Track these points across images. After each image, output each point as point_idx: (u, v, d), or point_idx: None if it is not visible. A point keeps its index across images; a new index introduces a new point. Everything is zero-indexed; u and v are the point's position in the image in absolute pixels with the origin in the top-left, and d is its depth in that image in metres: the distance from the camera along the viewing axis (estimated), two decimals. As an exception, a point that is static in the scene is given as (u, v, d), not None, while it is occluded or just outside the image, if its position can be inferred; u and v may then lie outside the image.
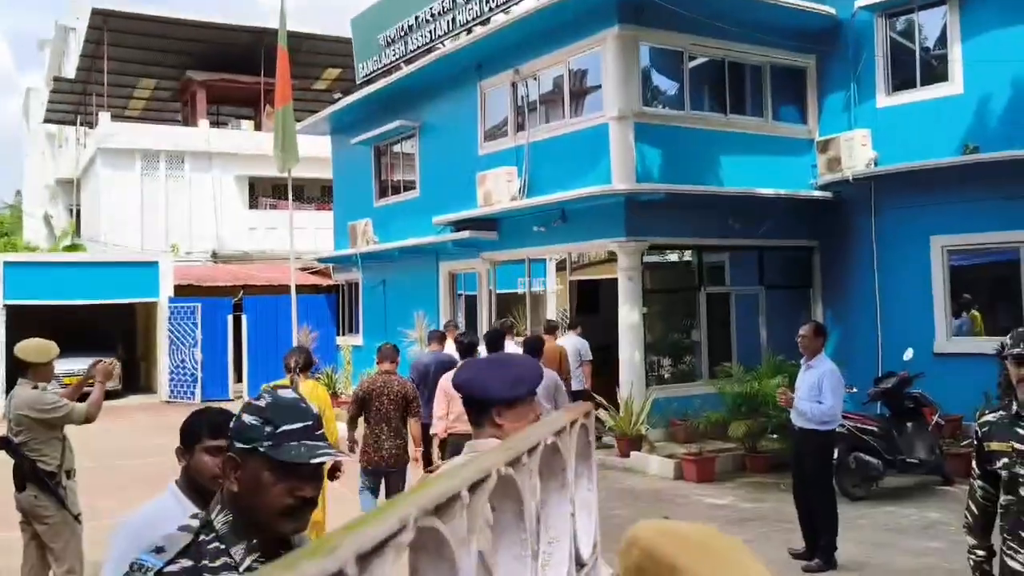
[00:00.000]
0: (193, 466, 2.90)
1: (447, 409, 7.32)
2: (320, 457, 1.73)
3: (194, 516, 1.84)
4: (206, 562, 1.72)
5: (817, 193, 13.35)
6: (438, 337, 10.19)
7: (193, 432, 2.98)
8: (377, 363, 7.63)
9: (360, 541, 0.53)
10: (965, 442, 9.90)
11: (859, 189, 12.91)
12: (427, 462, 7.66)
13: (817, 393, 7.18)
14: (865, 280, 13.05)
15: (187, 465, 2.91)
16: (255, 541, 1.76)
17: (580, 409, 1.24)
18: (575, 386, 10.88)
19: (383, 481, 7.34)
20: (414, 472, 7.43)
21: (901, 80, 12.91)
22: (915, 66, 12.79)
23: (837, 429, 7.57)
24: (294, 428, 1.74)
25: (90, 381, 6.12)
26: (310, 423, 1.77)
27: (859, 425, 9.56)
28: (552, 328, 11.59)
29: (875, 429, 9.56)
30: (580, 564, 1.20)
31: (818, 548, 7.27)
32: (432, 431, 7.57)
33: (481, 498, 0.81)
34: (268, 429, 1.74)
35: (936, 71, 12.67)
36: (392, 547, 0.59)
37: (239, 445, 1.77)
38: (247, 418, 1.77)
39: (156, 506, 2.77)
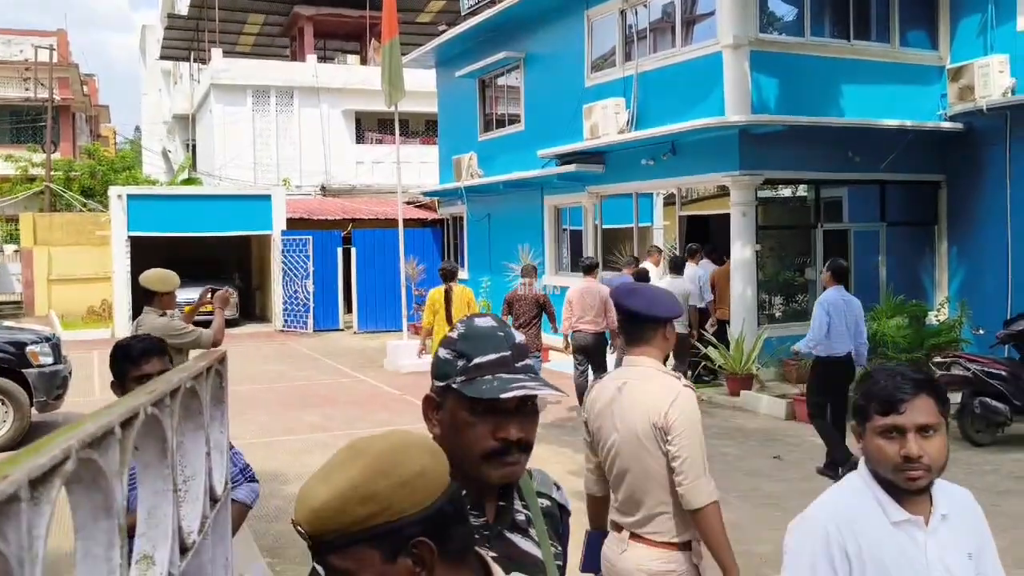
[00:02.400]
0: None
1: (570, 313, 10.08)
2: (512, 392, 1.51)
3: None
4: None
5: (946, 124, 12.59)
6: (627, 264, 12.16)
7: (119, 366, 3.11)
8: (521, 277, 10.87)
9: (30, 469, 0.59)
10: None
11: (993, 120, 12.11)
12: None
13: None
14: (996, 217, 12.31)
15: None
16: (464, 492, 1.51)
17: (214, 356, 1.22)
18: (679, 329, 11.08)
19: None
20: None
21: (1045, 0, 11.94)
22: (1062, -16, 11.80)
23: (843, 356, 7.92)
24: (488, 360, 1.55)
25: (203, 308, 6.37)
26: (507, 353, 1.57)
27: (985, 368, 9.13)
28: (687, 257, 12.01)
29: (1003, 373, 9.10)
30: (214, 499, 1.21)
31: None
32: (562, 330, 10.38)
33: (132, 434, 0.87)
34: (461, 363, 1.57)
35: (1086, -11, 11.67)
36: (59, 475, 0.65)
37: (437, 383, 1.62)
38: (442, 352, 1.62)
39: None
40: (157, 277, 5.91)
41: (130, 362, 3.14)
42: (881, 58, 12.66)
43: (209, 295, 6.40)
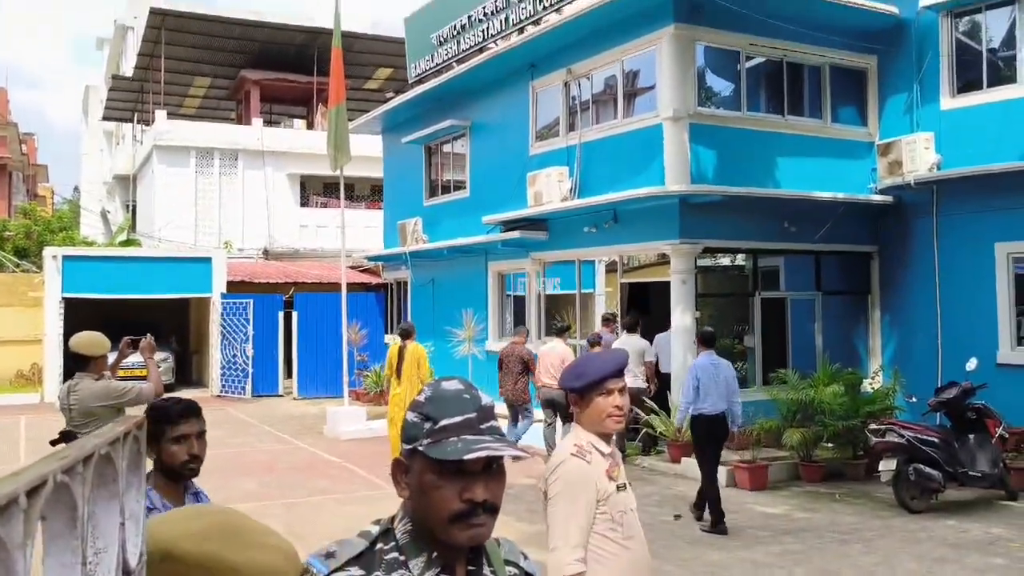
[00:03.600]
0: (165, 459, 3.10)
1: (538, 370, 11.45)
2: (476, 453, 1.52)
3: (376, 522, 1.68)
4: (379, 573, 1.57)
5: (877, 197, 13.03)
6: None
7: (155, 427, 3.08)
8: (514, 336, 12.42)
9: None
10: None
11: (921, 193, 12.58)
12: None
13: None
14: (926, 287, 12.71)
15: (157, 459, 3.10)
16: (435, 554, 1.59)
17: (132, 421, 1.22)
18: (636, 383, 11.46)
19: (515, 410, 11.95)
20: None
21: (966, 82, 12.55)
22: (981, 67, 12.42)
23: (726, 422, 8.87)
24: (454, 422, 1.56)
25: (121, 369, 6.24)
26: (473, 415, 1.58)
27: (919, 436, 9.31)
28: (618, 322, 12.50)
29: (936, 440, 9.30)
30: (127, 573, 1.20)
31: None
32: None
33: (38, 503, 0.83)
34: (427, 425, 1.58)
35: (1003, 73, 12.29)
36: None
37: (405, 446, 1.63)
38: (409, 415, 1.63)
39: None
40: (88, 342, 5.74)
41: (168, 423, 3.13)
42: (814, 133, 13.12)
43: (129, 349, 6.21)
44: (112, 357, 6.15)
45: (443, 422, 1.57)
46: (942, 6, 12.45)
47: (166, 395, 3.61)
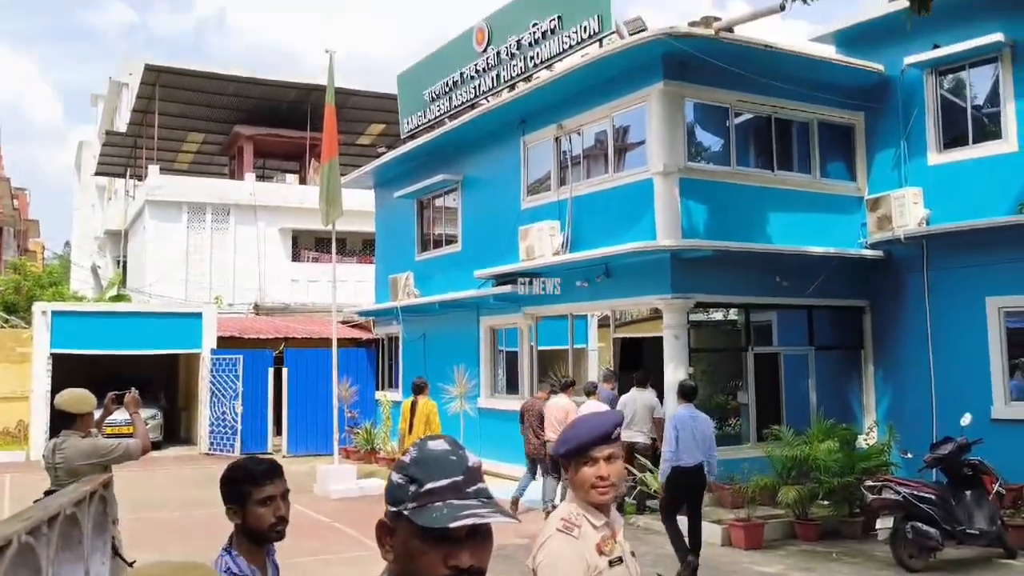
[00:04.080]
0: (251, 522, 2.94)
1: (546, 426, 11.55)
2: (461, 520, 1.48)
3: None
4: None
5: (867, 252, 13.08)
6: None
7: (239, 488, 2.98)
8: (539, 389, 12.83)
9: None
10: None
11: (911, 248, 12.63)
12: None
13: None
14: (918, 342, 12.69)
15: (242, 523, 2.94)
16: None
17: (99, 480, 1.19)
18: (636, 438, 11.58)
19: (536, 464, 12.08)
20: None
21: (952, 138, 12.70)
22: (967, 123, 12.59)
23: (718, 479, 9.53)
24: (439, 486, 1.53)
25: (107, 426, 6.17)
26: (459, 478, 1.55)
27: (916, 492, 9.18)
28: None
29: (932, 497, 9.17)
30: None
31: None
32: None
33: (2, 566, 0.80)
34: (412, 489, 1.54)
35: (988, 129, 12.44)
36: None
37: (390, 508, 1.58)
38: (394, 477, 1.60)
39: None
40: (74, 399, 5.66)
41: (252, 483, 3.01)
42: (803, 188, 13.20)
43: (114, 404, 6.13)
44: (98, 414, 6.08)
45: (428, 485, 1.53)
46: (926, 64, 12.65)
47: (247, 454, 3.49)
